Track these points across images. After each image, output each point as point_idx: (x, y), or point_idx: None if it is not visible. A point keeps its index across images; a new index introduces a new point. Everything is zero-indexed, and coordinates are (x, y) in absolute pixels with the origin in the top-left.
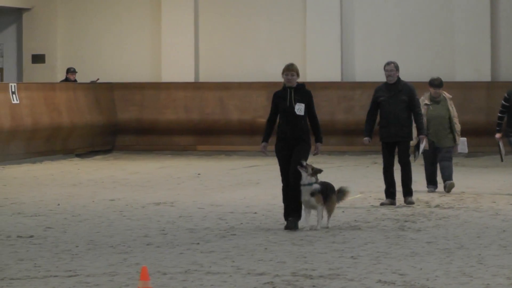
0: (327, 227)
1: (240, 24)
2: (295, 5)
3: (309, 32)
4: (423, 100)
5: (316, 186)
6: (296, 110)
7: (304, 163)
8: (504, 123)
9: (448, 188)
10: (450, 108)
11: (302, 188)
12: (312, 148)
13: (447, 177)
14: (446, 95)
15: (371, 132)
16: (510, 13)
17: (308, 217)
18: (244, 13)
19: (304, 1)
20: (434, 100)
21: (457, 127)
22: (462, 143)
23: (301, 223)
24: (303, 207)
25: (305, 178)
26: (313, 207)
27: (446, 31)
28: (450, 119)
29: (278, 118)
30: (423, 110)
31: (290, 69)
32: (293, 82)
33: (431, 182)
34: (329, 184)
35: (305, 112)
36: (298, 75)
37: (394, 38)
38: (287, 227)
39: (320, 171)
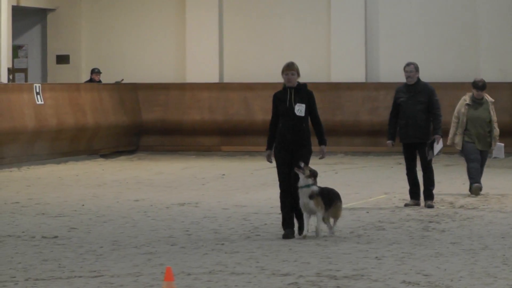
0: (333, 234)
1: (265, 24)
2: (320, 5)
3: (334, 32)
4: (465, 100)
5: (315, 188)
6: (296, 111)
7: (302, 165)
8: None
9: (473, 191)
10: (492, 112)
11: (300, 190)
12: (316, 149)
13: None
14: (489, 98)
15: (394, 135)
16: None
17: (308, 222)
18: (268, 13)
19: (329, 1)
20: (476, 101)
21: (496, 132)
22: (499, 149)
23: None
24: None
25: (302, 180)
26: (312, 211)
27: (470, 31)
28: (490, 122)
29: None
30: (463, 109)
31: (290, 68)
32: (293, 82)
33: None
34: (333, 190)
35: (306, 113)
36: (298, 74)
37: (418, 38)
38: (285, 236)
39: (316, 173)
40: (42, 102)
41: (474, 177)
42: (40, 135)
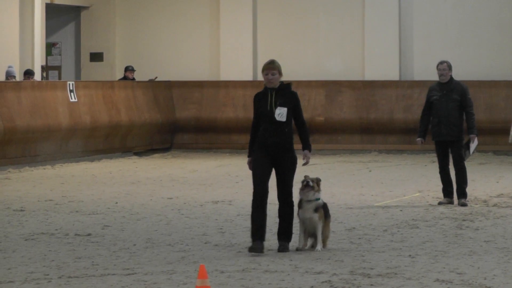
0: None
1: (299, 22)
2: (354, 3)
3: (368, 30)
4: None
5: (321, 201)
6: (276, 116)
7: (311, 183)
8: None
9: None
10: None
11: (306, 204)
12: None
13: None
14: None
15: (424, 133)
16: None
17: (306, 238)
18: (302, 11)
19: (363, 0)
20: None
21: None
22: None
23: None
24: (301, 233)
25: (313, 194)
26: (315, 224)
27: (505, 29)
28: None
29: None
30: None
31: (270, 67)
32: (274, 82)
33: None
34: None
35: (289, 117)
36: (280, 73)
37: (452, 36)
38: (280, 250)
39: (320, 180)
40: (76, 100)
41: None
42: (74, 133)
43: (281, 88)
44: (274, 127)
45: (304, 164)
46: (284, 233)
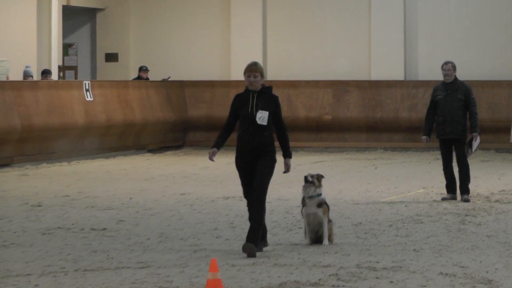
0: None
1: (307, 23)
2: (360, 5)
3: (374, 31)
4: None
5: (323, 197)
6: (257, 119)
7: (310, 179)
8: None
9: None
10: None
11: (309, 200)
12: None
13: None
14: None
15: (429, 131)
16: None
17: (312, 234)
18: (311, 13)
19: (369, 1)
20: None
21: None
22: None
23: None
24: (304, 225)
25: (313, 190)
26: (319, 219)
27: (508, 30)
28: None
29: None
30: None
31: (252, 70)
32: (256, 85)
33: None
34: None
35: (269, 121)
36: (262, 76)
37: (456, 38)
38: (249, 255)
39: (322, 177)
40: (92, 99)
41: None
42: (90, 131)
43: (263, 91)
44: (254, 131)
45: (285, 172)
46: (253, 234)
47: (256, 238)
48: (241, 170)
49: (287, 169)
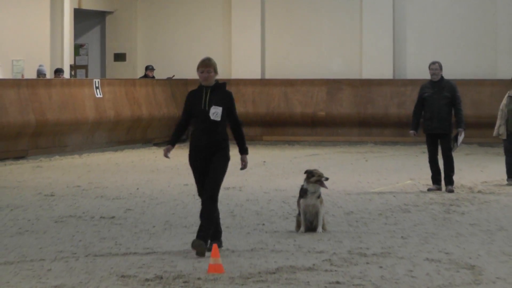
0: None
1: (303, 26)
2: (352, 9)
3: (365, 33)
4: (510, 92)
5: (319, 190)
6: (211, 115)
7: (316, 176)
8: None
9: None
10: None
11: (310, 194)
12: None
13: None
14: None
15: (417, 126)
16: None
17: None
18: (306, 16)
19: (361, 6)
20: None
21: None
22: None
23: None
24: (302, 215)
25: (312, 186)
26: (317, 209)
27: (489, 33)
28: None
29: (191, 122)
30: (504, 101)
31: (206, 65)
32: (209, 81)
33: (511, 175)
34: None
35: (223, 117)
36: (216, 72)
37: (442, 39)
38: (198, 252)
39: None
40: (101, 96)
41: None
42: (99, 126)
43: (216, 87)
44: (208, 127)
45: (242, 169)
46: (204, 232)
47: (206, 235)
48: (194, 169)
49: (244, 166)
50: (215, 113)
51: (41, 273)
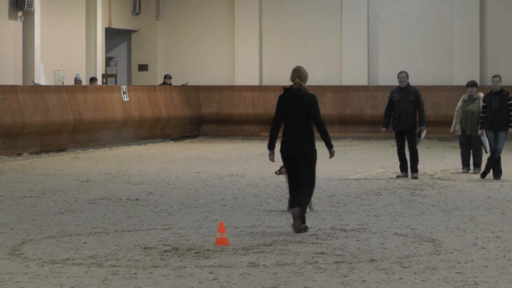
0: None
1: (293, 42)
2: (334, 28)
3: (345, 48)
4: (465, 96)
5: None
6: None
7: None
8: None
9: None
10: (481, 105)
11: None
12: None
13: (477, 164)
14: (481, 95)
15: (387, 124)
16: (496, 31)
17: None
18: (296, 34)
19: (341, 25)
20: (471, 98)
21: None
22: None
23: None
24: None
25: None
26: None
27: (446, 49)
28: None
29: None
30: (460, 103)
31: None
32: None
33: (465, 165)
34: None
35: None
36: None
37: (407, 53)
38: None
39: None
40: (128, 100)
41: (466, 163)
42: (126, 124)
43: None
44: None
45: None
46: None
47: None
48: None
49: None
50: None
51: (78, 246)
